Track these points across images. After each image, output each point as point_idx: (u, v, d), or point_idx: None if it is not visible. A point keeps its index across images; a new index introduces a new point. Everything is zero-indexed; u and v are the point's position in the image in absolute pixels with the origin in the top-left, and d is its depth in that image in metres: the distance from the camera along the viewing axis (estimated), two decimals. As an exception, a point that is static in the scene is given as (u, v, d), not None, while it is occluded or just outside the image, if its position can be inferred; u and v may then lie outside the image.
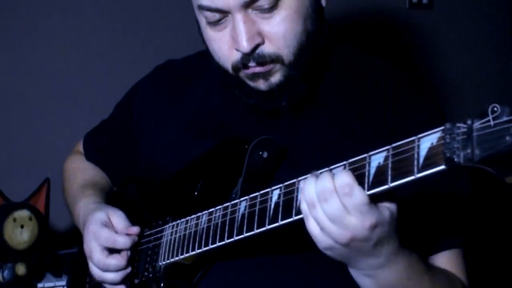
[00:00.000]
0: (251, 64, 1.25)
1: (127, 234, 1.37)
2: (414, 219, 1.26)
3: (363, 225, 1.01)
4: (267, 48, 1.24)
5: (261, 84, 1.28)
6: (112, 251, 1.36)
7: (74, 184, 1.64)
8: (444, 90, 2.89)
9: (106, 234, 1.35)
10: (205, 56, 1.48)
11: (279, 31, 1.23)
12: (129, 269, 1.37)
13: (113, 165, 1.65)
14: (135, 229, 1.38)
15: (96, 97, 2.42)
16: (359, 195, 0.99)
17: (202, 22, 1.29)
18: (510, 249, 2.73)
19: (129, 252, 1.36)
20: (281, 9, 1.22)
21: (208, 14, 1.25)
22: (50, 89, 2.41)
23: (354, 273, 1.13)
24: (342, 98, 1.36)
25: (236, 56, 1.26)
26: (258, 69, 1.25)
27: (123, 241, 1.35)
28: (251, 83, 1.29)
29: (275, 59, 1.25)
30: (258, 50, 1.24)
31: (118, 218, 1.39)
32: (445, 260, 1.30)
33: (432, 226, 1.29)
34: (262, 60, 1.24)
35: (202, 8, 1.25)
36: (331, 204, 1.00)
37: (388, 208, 1.03)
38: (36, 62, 2.39)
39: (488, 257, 2.51)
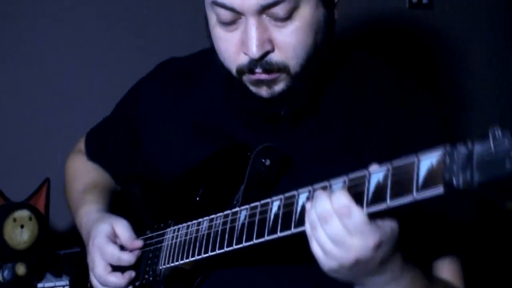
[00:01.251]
0: (258, 70, 1.23)
1: (131, 250, 1.38)
2: (413, 232, 1.24)
3: (367, 245, 1.00)
4: (276, 57, 1.22)
5: (263, 91, 1.27)
6: (115, 267, 1.37)
7: (75, 188, 1.64)
8: (444, 90, 2.89)
9: (111, 251, 1.36)
10: (209, 55, 1.47)
11: (290, 41, 1.21)
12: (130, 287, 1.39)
13: (115, 165, 1.64)
14: (139, 243, 1.39)
15: (96, 97, 2.42)
16: (358, 216, 0.98)
17: (212, 19, 1.26)
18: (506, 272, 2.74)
19: (132, 273, 1.37)
20: (295, 20, 1.21)
21: (221, 12, 1.22)
22: (50, 89, 2.41)
23: None
24: (345, 106, 1.35)
25: (242, 60, 1.24)
26: (264, 77, 1.24)
27: (127, 259, 1.36)
28: (253, 88, 1.28)
29: (282, 68, 1.23)
30: (267, 58, 1.22)
31: (122, 228, 1.40)
32: (444, 269, 1.30)
33: (430, 234, 1.28)
34: (269, 68, 1.23)
35: (216, 4, 1.22)
36: (332, 225, 1.00)
37: (389, 225, 1.03)
38: (36, 62, 2.39)
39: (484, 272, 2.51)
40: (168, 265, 1.32)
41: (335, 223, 1.00)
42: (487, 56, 3.09)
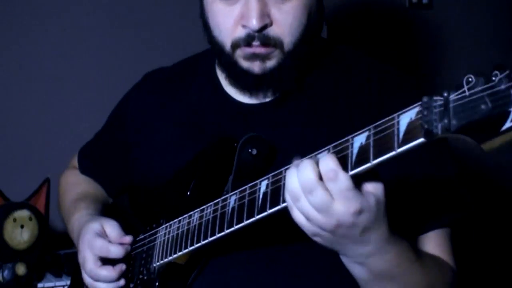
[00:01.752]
0: (255, 43, 1.29)
1: (121, 244, 1.38)
2: (400, 202, 1.25)
3: (348, 211, 1.00)
4: (273, 31, 1.29)
5: (256, 66, 1.31)
6: (105, 261, 1.38)
7: (67, 199, 1.65)
8: (443, 90, 2.89)
9: (99, 244, 1.36)
10: (194, 60, 1.52)
11: (287, 18, 1.29)
12: (122, 282, 1.38)
13: (107, 177, 1.66)
14: (128, 238, 1.39)
15: (96, 97, 2.42)
16: (344, 180, 0.99)
17: None
18: (496, 223, 2.74)
19: (123, 266, 1.37)
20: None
21: None
22: (50, 89, 2.42)
23: (345, 260, 1.13)
24: (329, 92, 1.38)
25: (240, 33, 1.30)
26: (259, 50, 1.29)
27: (116, 251, 1.36)
28: (245, 64, 1.32)
29: (278, 43, 1.29)
30: (265, 31, 1.28)
31: (111, 228, 1.40)
32: (432, 242, 1.30)
33: (418, 207, 1.29)
34: (266, 42, 1.28)
35: None
36: (316, 195, 1.00)
37: (374, 194, 1.03)
38: (36, 62, 2.40)
39: (475, 236, 2.51)
40: (161, 261, 1.32)
41: (320, 193, 1.00)
42: (487, 56, 3.09)
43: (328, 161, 1.00)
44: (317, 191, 1.00)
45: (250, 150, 1.30)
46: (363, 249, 1.08)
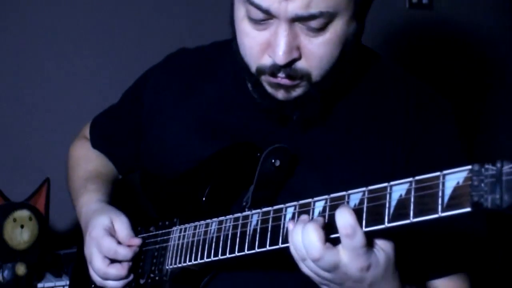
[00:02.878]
0: (280, 75, 1.21)
1: (129, 245, 1.36)
2: (418, 247, 1.25)
3: (357, 267, 1.01)
4: (300, 65, 1.20)
5: (280, 94, 1.25)
6: (113, 259, 1.36)
7: (77, 175, 1.61)
8: (444, 90, 2.89)
9: (108, 244, 1.34)
10: (221, 49, 1.42)
11: (318, 52, 1.19)
12: (131, 277, 1.37)
13: (119, 154, 1.62)
14: (137, 241, 1.36)
15: (97, 97, 2.41)
16: (360, 238, 0.99)
17: (241, 12, 1.22)
18: None
19: (130, 262, 1.36)
20: (327, 32, 1.18)
21: (254, 9, 1.19)
22: (50, 89, 2.41)
23: None
24: (361, 113, 1.34)
25: (266, 61, 1.21)
26: (285, 82, 1.22)
27: (124, 253, 1.34)
28: (270, 89, 1.26)
29: (304, 76, 1.21)
30: (293, 65, 1.20)
31: (121, 225, 1.38)
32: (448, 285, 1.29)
33: (438, 254, 1.27)
34: (293, 75, 1.21)
35: (250, 3, 1.18)
36: (323, 261, 1.01)
37: (383, 249, 1.04)
38: (36, 62, 2.39)
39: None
40: (175, 266, 1.31)
41: (328, 258, 1.00)
42: (487, 56, 3.09)
43: (347, 216, 0.99)
44: (325, 257, 1.00)
45: (273, 161, 1.26)
46: None
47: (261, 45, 1.20)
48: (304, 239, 1.01)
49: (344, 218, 0.99)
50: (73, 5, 2.44)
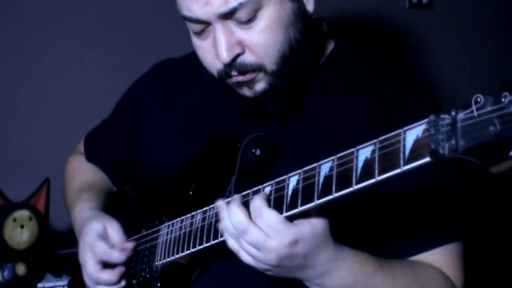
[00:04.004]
0: (233, 73, 1.26)
1: (122, 249, 1.38)
2: (403, 216, 1.27)
3: (283, 243, 1.06)
4: (248, 58, 1.25)
5: (246, 91, 1.30)
6: (106, 264, 1.38)
7: (71, 187, 1.65)
8: (444, 90, 2.89)
9: (101, 248, 1.36)
10: None
11: (259, 41, 1.24)
12: (122, 283, 1.39)
13: (112, 166, 1.65)
14: (130, 245, 1.39)
15: (96, 97, 2.42)
16: (270, 215, 1.06)
17: (189, 29, 1.30)
18: (505, 241, 2.73)
19: (123, 268, 1.38)
20: (260, 20, 1.23)
21: (191, 23, 1.26)
22: (50, 89, 2.41)
23: (306, 283, 1.17)
24: (336, 95, 1.36)
25: (219, 65, 1.27)
26: (241, 78, 1.27)
27: (117, 257, 1.36)
28: (237, 90, 1.31)
29: (257, 68, 1.26)
30: (239, 60, 1.25)
31: (114, 230, 1.40)
32: (432, 257, 1.29)
33: (423, 222, 1.28)
34: (243, 69, 1.25)
35: (184, 18, 1.27)
36: (250, 234, 1.07)
37: (309, 222, 1.08)
38: (36, 62, 2.39)
39: (483, 251, 2.50)
40: (164, 261, 1.32)
41: (253, 231, 1.06)
42: (487, 56, 3.09)
43: (255, 200, 1.07)
44: (250, 230, 1.07)
45: (253, 151, 1.29)
46: (312, 272, 1.13)
47: (210, 53, 1.27)
48: (231, 218, 1.09)
49: (253, 204, 1.07)
50: (74, 5, 2.44)
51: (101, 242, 1.37)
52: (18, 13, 2.37)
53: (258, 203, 1.07)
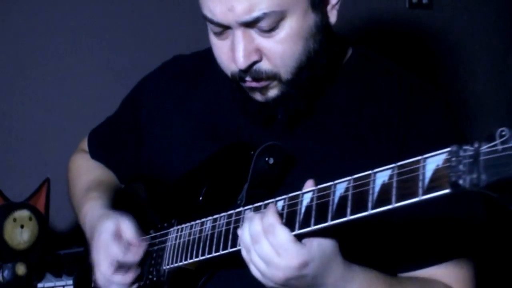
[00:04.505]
0: (247, 78, 1.25)
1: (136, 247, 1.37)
2: (414, 231, 1.26)
3: (292, 265, 1.06)
4: (265, 66, 1.23)
5: (258, 96, 1.29)
6: (119, 265, 1.36)
7: (78, 186, 1.62)
8: (444, 90, 2.89)
9: (116, 250, 1.35)
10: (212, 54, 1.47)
11: (277, 50, 1.22)
12: (135, 286, 1.38)
13: (118, 163, 1.63)
14: (143, 243, 1.37)
15: (97, 97, 2.42)
16: (282, 234, 1.05)
17: (208, 27, 1.28)
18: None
19: (138, 270, 1.37)
20: (282, 30, 1.21)
21: (211, 24, 1.25)
22: (50, 89, 2.41)
23: None
24: (352, 106, 1.34)
25: (234, 67, 1.25)
26: (254, 84, 1.26)
27: (132, 259, 1.35)
28: (249, 93, 1.30)
29: (272, 76, 1.24)
30: (255, 67, 1.23)
31: (127, 227, 1.38)
32: (443, 273, 1.28)
33: (434, 238, 1.28)
34: (258, 77, 1.24)
35: (205, 19, 1.25)
36: (261, 245, 1.06)
37: (318, 242, 1.07)
38: (36, 62, 2.39)
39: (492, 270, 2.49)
40: (172, 266, 1.32)
41: (264, 243, 1.06)
42: (487, 56, 3.10)
43: (268, 216, 1.06)
44: (262, 242, 1.06)
45: (267, 159, 1.26)
46: None
47: (227, 54, 1.26)
48: (250, 226, 1.08)
49: (266, 218, 1.06)
50: (75, 4, 2.44)
51: (116, 243, 1.35)
52: (19, 12, 2.36)
53: (271, 219, 1.06)
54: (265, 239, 1.06)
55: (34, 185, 2.04)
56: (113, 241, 1.36)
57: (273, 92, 1.27)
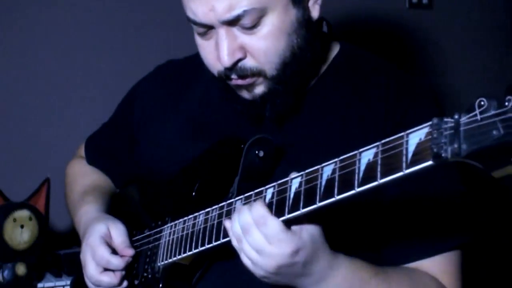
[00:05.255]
0: (233, 76, 1.27)
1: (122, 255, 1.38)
2: (402, 222, 1.27)
3: (284, 252, 1.07)
4: (249, 63, 1.25)
5: (245, 94, 1.31)
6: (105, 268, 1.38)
7: (74, 190, 1.64)
8: (444, 90, 2.90)
9: (101, 253, 1.36)
10: None
11: (261, 47, 1.24)
12: (124, 284, 1.39)
13: (114, 167, 1.65)
14: (130, 251, 1.38)
15: (96, 97, 2.42)
16: (274, 224, 1.06)
17: (193, 29, 1.31)
18: (507, 246, 2.73)
19: (123, 272, 1.38)
20: (264, 26, 1.23)
21: (195, 26, 1.27)
22: (50, 89, 2.41)
23: None
24: (339, 101, 1.36)
25: (220, 66, 1.27)
26: (240, 82, 1.27)
27: (116, 264, 1.36)
28: (237, 91, 1.32)
29: (257, 73, 1.26)
30: (240, 64, 1.25)
31: (117, 232, 1.40)
32: (429, 264, 1.29)
33: (421, 230, 1.28)
34: (243, 74, 1.26)
35: (188, 20, 1.27)
36: (253, 235, 1.08)
37: (307, 230, 1.09)
38: (36, 62, 2.39)
39: (485, 258, 2.50)
40: (166, 262, 1.33)
41: (256, 233, 1.07)
42: (487, 56, 3.10)
43: (257, 208, 1.07)
44: (253, 231, 1.07)
45: (257, 152, 1.28)
46: (309, 279, 1.14)
47: (212, 53, 1.28)
48: (239, 218, 1.10)
49: (256, 210, 1.08)
50: (75, 5, 2.44)
51: (102, 246, 1.37)
52: (19, 12, 2.37)
53: (261, 210, 1.07)
54: (256, 230, 1.07)
55: (34, 185, 2.04)
56: (100, 244, 1.37)
57: (259, 89, 1.29)
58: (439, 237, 1.29)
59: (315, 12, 1.30)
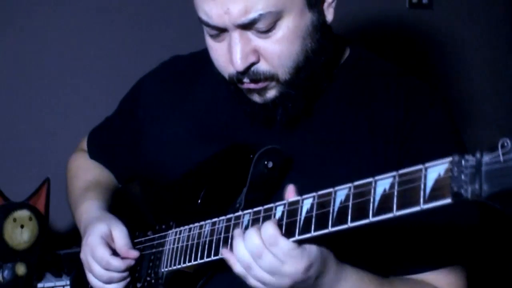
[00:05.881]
0: (245, 80, 1.24)
1: (125, 257, 1.36)
2: (408, 236, 1.26)
3: (299, 270, 1.07)
4: (262, 67, 1.23)
5: (257, 98, 1.28)
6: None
7: (76, 185, 1.62)
8: (443, 90, 2.90)
9: (101, 254, 1.34)
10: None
11: (274, 51, 1.21)
12: (129, 278, 1.38)
13: (117, 163, 1.63)
14: (134, 253, 1.37)
15: (97, 97, 2.42)
16: (285, 242, 1.05)
17: (204, 30, 1.28)
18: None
19: (125, 274, 1.37)
20: (279, 30, 1.20)
21: (207, 27, 1.24)
22: (50, 89, 2.41)
23: None
24: (350, 107, 1.34)
25: (232, 70, 1.24)
26: (252, 86, 1.25)
27: (116, 265, 1.34)
28: (248, 95, 1.29)
29: (270, 77, 1.24)
30: (253, 68, 1.23)
31: (119, 234, 1.38)
32: (434, 276, 1.29)
33: (429, 242, 1.28)
34: (256, 78, 1.23)
35: (201, 21, 1.24)
36: (265, 259, 1.06)
37: (315, 243, 1.08)
38: (36, 62, 2.39)
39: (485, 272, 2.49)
40: (170, 268, 1.31)
41: (268, 255, 1.06)
42: (487, 56, 3.10)
43: (267, 228, 1.06)
44: (265, 255, 1.06)
45: (266, 163, 1.26)
46: None
47: (224, 56, 1.25)
48: (246, 243, 1.08)
49: (265, 230, 1.06)
50: (75, 3, 2.44)
51: (102, 247, 1.35)
52: (19, 12, 2.36)
53: (272, 230, 1.06)
54: (268, 252, 1.06)
55: (34, 185, 2.04)
56: (100, 244, 1.35)
57: (271, 93, 1.26)
58: (445, 250, 1.28)
59: (329, 16, 1.28)
